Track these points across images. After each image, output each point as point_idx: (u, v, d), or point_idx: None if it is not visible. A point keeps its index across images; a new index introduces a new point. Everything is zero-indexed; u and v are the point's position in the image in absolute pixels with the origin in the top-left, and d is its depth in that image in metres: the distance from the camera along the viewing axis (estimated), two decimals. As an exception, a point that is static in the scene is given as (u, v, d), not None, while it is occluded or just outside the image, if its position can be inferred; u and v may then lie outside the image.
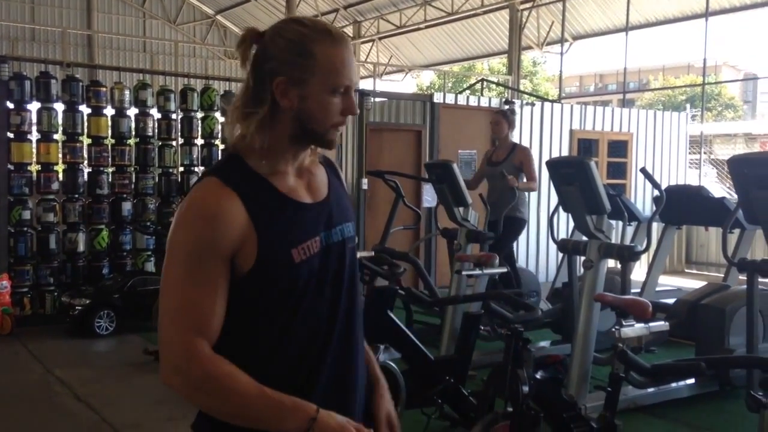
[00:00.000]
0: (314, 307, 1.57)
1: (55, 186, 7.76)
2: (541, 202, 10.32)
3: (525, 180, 6.60)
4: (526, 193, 6.88)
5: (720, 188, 13.70)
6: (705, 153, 13.77)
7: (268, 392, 1.45)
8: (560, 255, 7.58)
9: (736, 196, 6.10)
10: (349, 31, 22.33)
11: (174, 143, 8.53)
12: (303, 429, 1.45)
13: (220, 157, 8.64)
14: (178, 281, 1.47)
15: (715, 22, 16.44)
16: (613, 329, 3.52)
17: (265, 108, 1.53)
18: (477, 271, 5.09)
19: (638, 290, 6.71)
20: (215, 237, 1.46)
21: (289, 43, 1.54)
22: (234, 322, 1.51)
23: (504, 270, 6.05)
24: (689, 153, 12.73)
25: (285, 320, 1.54)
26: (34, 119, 7.66)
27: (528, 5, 17.51)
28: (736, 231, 5.98)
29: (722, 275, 6.93)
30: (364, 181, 9.13)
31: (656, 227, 7.99)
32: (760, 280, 4.69)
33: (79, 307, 7.05)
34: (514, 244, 7.61)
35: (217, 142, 8.71)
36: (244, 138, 1.56)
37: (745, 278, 4.75)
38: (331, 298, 1.60)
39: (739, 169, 4.52)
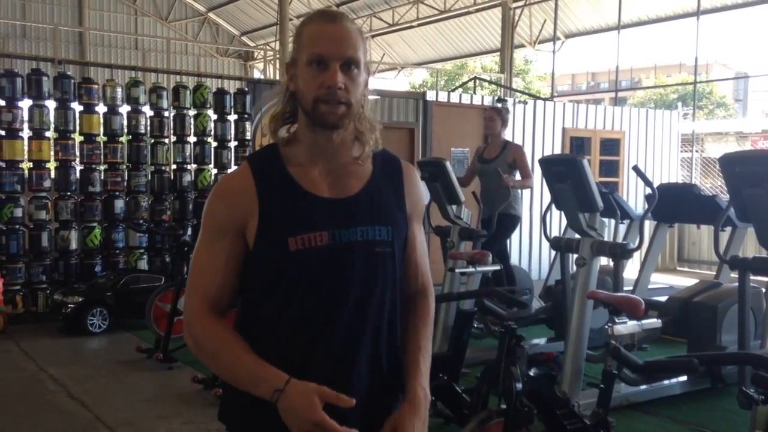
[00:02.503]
0: (312, 299, 1.58)
1: (47, 183, 7.73)
2: (534, 199, 10.34)
3: (519, 177, 6.60)
4: (520, 190, 6.89)
5: (703, 184, 13.75)
6: (697, 151, 13.81)
7: (250, 360, 1.55)
8: (553, 253, 7.60)
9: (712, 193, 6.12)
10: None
11: (166, 140, 8.52)
12: (270, 398, 1.51)
13: (212, 155, 8.69)
14: (197, 251, 1.66)
15: (707, 20, 16.51)
16: (606, 326, 3.53)
17: (283, 95, 1.66)
18: (470, 269, 5.10)
19: (631, 288, 6.74)
20: (224, 212, 1.62)
21: (294, 31, 1.67)
22: (245, 293, 1.65)
23: (497, 268, 6.07)
24: (681, 151, 12.78)
25: (280, 303, 1.59)
26: (26, 116, 7.63)
27: (520, 3, 17.54)
28: (728, 229, 6.01)
29: (714, 273, 6.97)
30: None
31: (648, 225, 8.02)
32: (752, 277, 4.71)
33: (72, 305, 7.03)
34: (507, 241, 7.61)
35: (209, 139, 8.70)
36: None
37: (737, 276, 4.78)
38: (336, 296, 1.59)
39: (730, 167, 4.54)
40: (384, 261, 1.64)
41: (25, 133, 7.68)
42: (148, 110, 8.38)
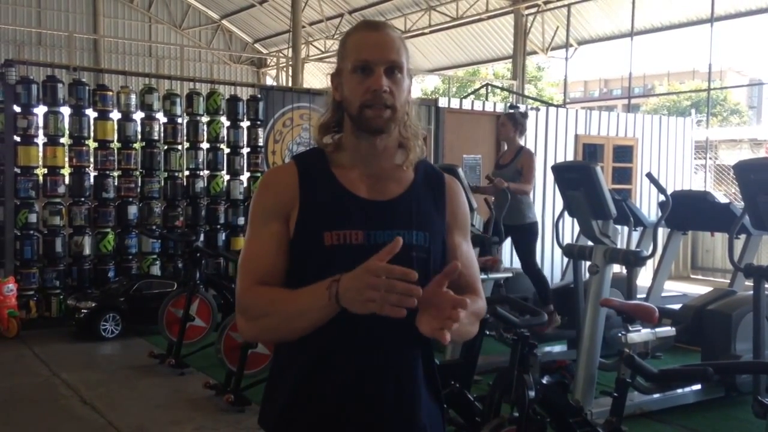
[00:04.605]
0: None
1: (61, 189, 7.79)
2: (547, 206, 10.31)
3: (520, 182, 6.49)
4: (531, 196, 6.80)
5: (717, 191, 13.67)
6: (710, 158, 13.74)
7: (301, 290, 1.54)
8: (566, 260, 7.57)
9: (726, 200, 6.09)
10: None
11: (180, 147, 8.56)
12: (331, 295, 1.47)
13: (225, 161, 8.73)
14: (247, 239, 1.71)
15: (721, 27, 16.46)
16: (620, 334, 3.52)
17: (329, 105, 1.72)
18: (482, 276, 5.09)
19: (644, 295, 6.70)
20: (271, 200, 1.67)
21: (339, 43, 1.73)
22: (290, 280, 1.64)
23: (509, 275, 6.05)
24: (694, 158, 12.71)
25: None
26: (41, 123, 7.69)
27: (533, 10, 17.54)
28: (742, 236, 5.97)
29: (728, 281, 6.92)
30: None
31: (662, 232, 7.98)
32: (767, 285, 4.68)
33: (85, 311, 7.07)
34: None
35: (222, 145, 8.74)
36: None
37: (752, 284, 4.74)
38: None
39: (745, 174, 4.52)
40: (418, 266, 1.61)
41: (40, 139, 7.74)
42: (161, 117, 8.43)
